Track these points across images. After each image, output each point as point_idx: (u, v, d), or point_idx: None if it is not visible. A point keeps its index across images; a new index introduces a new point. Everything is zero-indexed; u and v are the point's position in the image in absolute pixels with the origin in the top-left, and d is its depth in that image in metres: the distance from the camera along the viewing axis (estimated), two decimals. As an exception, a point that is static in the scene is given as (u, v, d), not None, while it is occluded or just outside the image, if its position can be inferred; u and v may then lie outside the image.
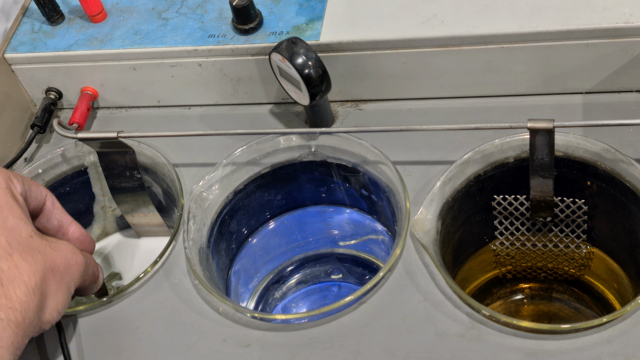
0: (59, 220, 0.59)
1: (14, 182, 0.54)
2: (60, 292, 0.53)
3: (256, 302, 0.77)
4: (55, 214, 0.58)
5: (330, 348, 0.56)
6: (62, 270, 0.53)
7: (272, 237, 0.77)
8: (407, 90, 0.71)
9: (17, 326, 0.48)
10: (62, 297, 0.53)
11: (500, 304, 0.75)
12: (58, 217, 0.59)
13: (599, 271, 0.72)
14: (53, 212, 0.58)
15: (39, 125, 0.74)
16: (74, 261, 0.54)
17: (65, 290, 0.53)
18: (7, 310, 0.48)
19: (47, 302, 0.51)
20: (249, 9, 0.69)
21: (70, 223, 0.59)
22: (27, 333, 0.49)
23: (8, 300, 0.48)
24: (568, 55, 0.66)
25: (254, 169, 0.69)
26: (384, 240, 0.75)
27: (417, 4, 0.69)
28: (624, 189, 0.62)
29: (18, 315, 0.48)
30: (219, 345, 0.58)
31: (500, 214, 0.69)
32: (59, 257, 0.53)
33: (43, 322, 0.51)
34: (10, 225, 0.51)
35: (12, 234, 0.51)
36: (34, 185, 0.57)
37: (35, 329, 0.50)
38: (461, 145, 0.66)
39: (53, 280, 0.52)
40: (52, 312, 0.52)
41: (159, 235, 0.77)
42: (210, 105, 0.76)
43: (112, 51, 0.73)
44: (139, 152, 0.70)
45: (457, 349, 0.55)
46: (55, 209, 0.58)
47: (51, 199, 0.58)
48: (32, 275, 0.50)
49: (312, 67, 0.63)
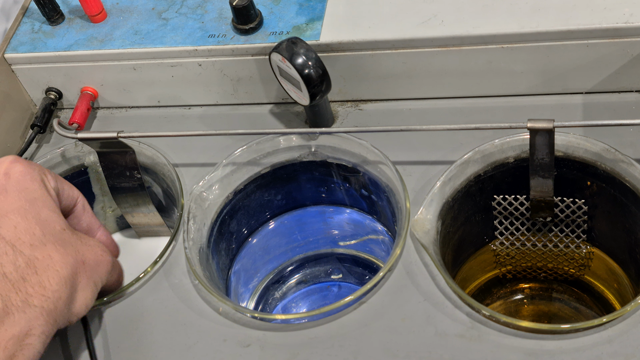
0: (88, 223, 0.60)
1: (48, 178, 0.55)
2: (89, 286, 0.53)
3: (256, 302, 0.77)
4: (85, 217, 0.59)
5: (330, 348, 0.56)
6: (92, 265, 0.54)
7: (272, 237, 0.77)
8: (407, 90, 0.71)
9: (49, 315, 0.49)
10: (90, 291, 0.53)
11: (500, 304, 0.75)
12: (87, 220, 0.59)
13: (599, 271, 0.72)
14: (83, 215, 0.59)
15: (39, 125, 0.74)
16: (103, 258, 0.55)
17: (93, 286, 0.54)
18: (41, 299, 0.49)
19: (77, 294, 0.52)
20: (249, 9, 0.69)
21: (99, 227, 0.60)
22: (58, 323, 0.50)
23: (42, 288, 0.49)
24: (568, 55, 0.66)
25: (254, 169, 0.69)
26: (384, 240, 0.75)
27: (417, 4, 0.69)
28: (624, 189, 0.62)
29: (50, 304, 0.49)
30: (219, 345, 0.58)
31: (500, 214, 0.69)
32: (89, 253, 0.54)
33: (72, 314, 0.52)
34: (44, 217, 0.52)
35: (46, 225, 0.52)
36: (67, 185, 0.58)
37: (64, 320, 0.51)
38: (461, 145, 0.66)
39: (83, 273, 0.53)
40: (80, 305, 0.53)
41: (159, 235, 0.77)
42: (210, 105, 0.76)
43: (112, 51, 0.73)
44: (139, 152, 0.70)
45: (457, 349, 0.55)
46: (86, 211, 0.59)
47: (82, 202, 0.59)
48: (64, 266, 0.51)
49: (312, 67, 0.63)
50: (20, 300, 0.48)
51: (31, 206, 0.52)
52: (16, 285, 0.48)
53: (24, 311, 0.48)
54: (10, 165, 0.54)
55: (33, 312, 0.48)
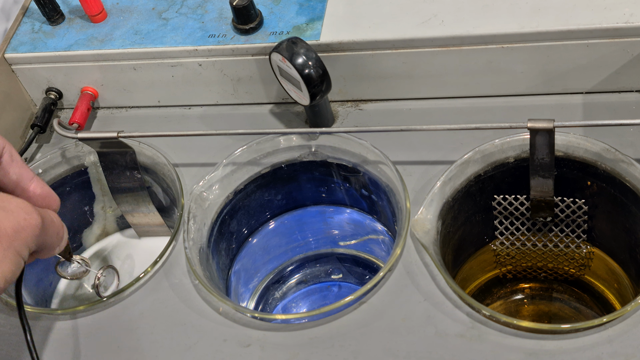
0: (18, 175, 0.52)
1: None
2: (7, 258, 0.47)
3: (256, 302, 0.77)
4: (14, 168, 0.52)
5: (330, 348, 0.56)
6: (11, 233, 0.47)
7: (272, 237, 0.77)
8: (407, 90, 0.71)
9: None
10: (9, 262, 0.47)
11: (500, 304, 0.75)
12: (16, 172, 0.52)
13: (599, 271, 0.72)
14: (11, 166, 0.52)
15: (39, 125, 0.74)
16: (26, 222, 0.48)
17: (13, 256, 0.47)
18: None
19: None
20: (249, 9, 0.69)
21: (32, 178, 0.53)
22: None
23: None
24: (568, 55, 0.66)
25: (254, 169, 0.69)
26: (384, 240, 0.75)
27: (417, 4, 0.69)
28: (624, 189, 0.62)
29: None
30: (219, 345, 0.58)
31: (501, 214, 0.69)
32: (7, 220, 0.47)
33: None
34: None
35: None
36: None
37: None
38: (461, 145, 0.66)
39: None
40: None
41: (159, 235, 0.77)
42: (210, 105, 0.76)
43: (112, 51, 0.73)
44: (139, 152, 0.70)
45: (457, 349, 0.55)
46: (14, 162, 0.52)
47: (9, 151, 0.52)
48: None
49: (312, 67, 0.63)
50: None
51: None
52: None
53: None
54: None
55: None
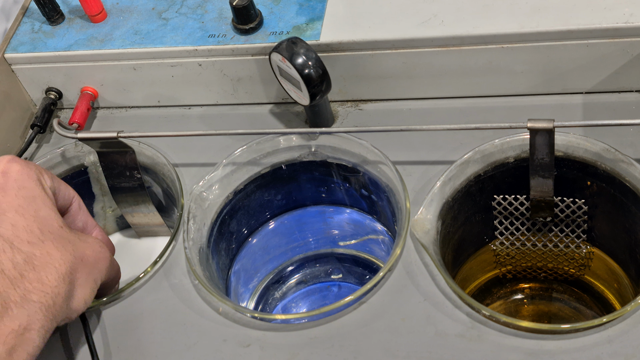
0: (84, 223, 0.60)
1: (45, 177, 0.56)
2: (88, 283, 0.54)
3: (256, 302, 0.77)
4: (81, 216, 0.60)
5: (330, 348, 0.56)
6: (91, 262, 0.55)
7: (272, 237, 0.77)
8: (407, 90, 0.71)
9: (48, 310, 0.50)
10: (89, 288, 0.54)
11: (500, 304, 0.75)
12: (83, 219, 0.60)
13: (599, 271, 0.72)
14: (79, 214, 0.60)
15: (39, 125, 0.74)
16: (102, 255, 0.56)
17: (92, 283, 0.55)
18: (40, 294, 0.49)
19: (76, 291, 0.53)
20: (249, 9, 0.69)
21: (95, 227, 0.61)
22: (56, 318, 0.51)
23: (41, 284, 0.50)
24: (568, 55, 0.66)
25: (254, 169, 0.69)
26: (384, 240, 0.75)
27: (417, 4, 0.69)
28: (624, 189, 0.62)
29: (49, 300, 0.50)
30: (219, 345, 0.58)
31: (500, 214, 0.69)
32: (88, 250, 0.55)
33: (71, 310, 0.53)
34: (43, 215, 0.53)
35: (45, 223, 0.52)
36: (63, 185, 0.58)
37: (63, 316, 0.52)
38: (461, 145, 0.66)
39: (82, 270, 0.53)
40: (79, 301, 0.53)
41: (159, 235, 0.77)
42: (210, 105, 0.76)
43: (112, 51, 0.73)
44: (139, 152, 0.70)
45: (457, 349, 0.55)
46: (82, 211, 0.60)
47: (78, 201, 0.60)
48: (62, 263, 0.51)
49: (312, 67, 0.63)
50: (19, 296, 0.49)
51: (29, 204, 0.53)
52: (14, 282, 0.49)
53: (22, 306, 0.48)
54: (8, 165, 0.55)
55: (32, 307, 0.49)
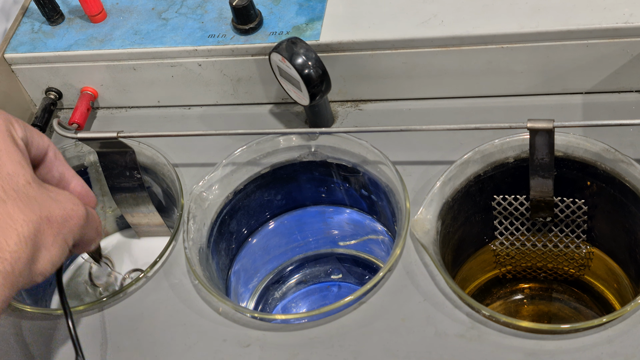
0: (61, 173, 0.55)
1: (15, 127, 0.51)
2: (57, 243, 0.50)
3: (256, 302, 0.77)
4: (57, 166, 0.55)
5: (330, 348, 0.56)
6: (60, 221, 0.50)
7: (272, 237, 0.77)
8: (407, 90, 0.71)
9: (6, 278, 0.46)
10: (57, 249, 0.50)
11: (500, 304, 0.75)
12: (60, 169, 0.55)
13: (599, 271, 0.72)
14: (55, 163, 0.55)
15: (39, 125, 0.74)
16: (74, 213, 0.51)
17: (61, 243, 0.50)
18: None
19: (41, 253, 0.49)
20: (249, 9, 0.69)
21: (73, 177, 0.56)
22: (15, 285, 0.47)
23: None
24: (568, 55, 0.66)
25: (253, 169, 0.69)
26: (384, 240, 0.75)
27: (417, 4, 0.69)
28: (624, 189, 0.62)
29: (7, 266, 0.46)
30: (219, 345, 0.58)
31: (500, 214, 0.69)
32: (57, 208, 0.50)
33: (34, 274, 0.49)
34: (7, 171, 0.48)
35: (9, 180, 0.48)
36: (36, 134, 0.54)
37: (25, 280, 0.48)
38: (461, 145, 0.66)
39: (49, 231, 0.49)
40: (45, 264, 0.49)
41: (159, 235, 0.77)
42: (210, 105, 0.76)
43: (112, 51, 0.73)
44: (139, 152, 0.70)
45: (457, 349, 0.55)
46: (58, 160, 0.55)
47: (54, 150, 0.55)
48: (25, 225, 0.47)
49: (312, 67, 0.63)
50: None
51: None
52: None
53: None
54: None
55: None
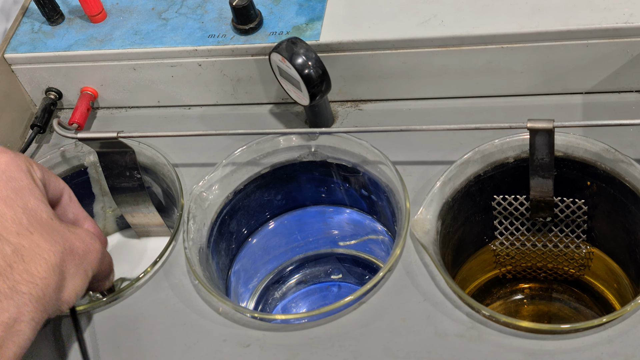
0: (75, 214, 0.59)
1: (34, 168, 0.55)
2: (79, 274, 0.53)
3: (256, 302, 0.77)
4: (72, 208, 0.59)
5: (330, 348, 0.56)
6: (81, 253, 0.54)
7: (272, 237, 0.77)
8: (407, 90, 0.71)
9: (38, 301, 0.49)
10: (80, 279, 0.53)
11: (500, 304, 0.75)
12: (74, 211, 0.59)
13: (599, 271, 0.72)
14: (70, 206, 0.59)
15: (39, 125, 0.74)
16: (92, 247, 0.55)
17: (83, 274, 0.54)
18: (29, 285, 0.49)
19: (66, 282, 0.52)
20: (249, 9, 0.69)
21: (86, 219, 0.60)
22: (47, 310, 0.50)
23: (29, 275, 0.49)
24: (568, 55, 0.66)
25: (254, 169, 0.69)
26: (384, 240, 0.75)
27: (417, 4, 0.69)
28: (624, 189, 0.62)
29: (39, 291, 0.49)
30: (219, 345, 0.58)
31: (500, 214, 0.69)
32: (77, 241, 0.54)
33: (62, 302, 0.52)
34: (31, 206, 0.52)
35: (33, 214, 0.52)
36: (53, 177, 0.58)
37: (53, 307, 0.51)
38: (461, 145, 0.66)
39: (72, 262, 0.53)
40: (70, 293, 0.52)
41: (159, 235, 0.77)
42: (210, 105, 0.76)
43: (112, 51, 0.73)
44: (139, 152, 0.70)
45: (457, 349, 0.55)
46: (72, 202, 0.59)
47: (68, 193, 0.59)
48: (52, 254, 0.51)
49: (312, 67, 0.63)
50: (7, 288, 0.48)
51: (17, 196, 0.52)
52: (3, 274, 0.48)
53: (11, 298, 0.48)
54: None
55: (21, 299, 0.48)
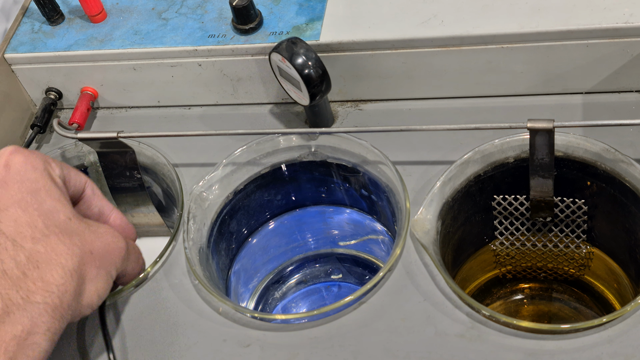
0: (100, 208, 0.57)
1: (52, 166, 0.53)
2: (100, 276, 0.51)
3: (256, 302, 0.77)
4: (96, 201, 0.57)
5: (330, 348, 0.56)
6: (102, 254, 0.52)
7: (272, 237, 0.77)
8: (407, 90, 0.71)
9: (55, 310, 0.47)
10: (102, 281, 0.51)
11: (500, 304, 0.75)
12: (98, 205, 0.57)
13: (599, 271, 0.72)
14: (93, 199, 0.57)
15: (39, 125, 0.74)
16: (114, 245, 0.53)
17: (105, 275, 0.52)
18: (44, 294, 0.47)
19: (86, 286, 0.50)
20: (249, 9, 0.69)
21: (112, 211, 0.58)
22: (65, 317, 0.48)
23: (44, 283, 0.47)
24: (568, 55, 0.66)
25: (254, 169, 0.69)
26: (384, 240, 0.75)
27: (417, 4, 0.69)
28: (624, 189, 0.62)
29: (55, 299, 0.47)
30: (219, 345, 0.58)
31: (500, 214, 0.69)
32: (98, 241, 0.52)
33: (83, 307, 0.50)
34: (47, 208, 0.50)
35: (49, 216, 0.50)
36: (73, 171, 0.56)
37: (74, 313, 0.49)
38: (461, 145, 0.66)
39: (92, 263, 0.51)
40: (92, 296, 0.50)
41: (159, 235, 0.77)
42: (210, 105, 0.76)
43: (112, 51, 0.73)
44: (139, 152, 0.70)
45: (457, 349, 0.55)
46: (96, 196, 0.57)
47: (91, 186, 0.57)
48: (69, 258, 0.49)
49: (312, 67, 0.63)
50: (21, 298, 0.46)
51: (33, 197, 0.50)
52: (17, 283, 0.46)
53: (25, 309, 0.46)
54: (11, 157, 0.52)
55: (35, 309, 0.46)
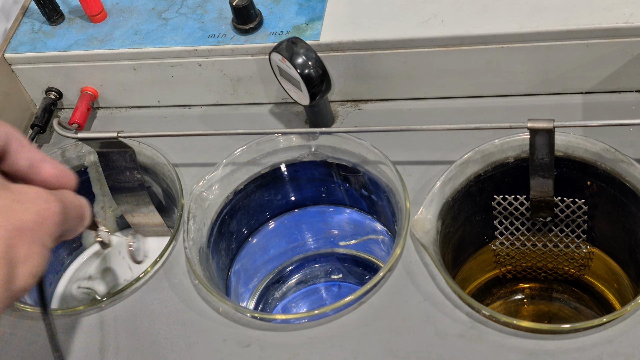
0: (30, 159, 0.48)
1: None
2: (33, 253, 0.45)
3: (256, 302, 0.77)
4: (24, 153, 0.48)
5: (330, 348, 0.56)
6: (33, 226, 0.45)
7: (272, 237, 0.77)
8: (407, 90, 0.71)
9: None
10: (36, 258, 0.45)
11: (500, 304, 0.75)
12: (27, 156, 0.48)
13: (599, 271, 0.72)
14: (21, 152, 0.48)
15: (39, 125, 0.74)
16: (48, 212, 0.46)
17: (39, 249, 0.45)
18: None
19: (18, 269, 0.44)
20: (249, 9, 0.69)
21: (43, 159, 0.49)
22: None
23: None
24: (568, 55, 0.66)
25: (254, 169, 0.69)
26: (384, 240, 0.75)
27: (417, 4, 0.69)
28: (624, 189, 0.62)
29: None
30: (219, 345, 0.58)
31: (500, 214, 0.69)
32: (26, 213, 0.45)
33: (15, 292, 0.44)
34: None
35: None
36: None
37: (5, 302, 0.43)
38: (461, 145, 0.66)
39: (22, 242, 0.44)
40: (25, 279, 0.44)
41: (159, 235, 0.77)
42: (210, 105, 0.76)
43: (112, 51, 0.73)
44: (139, 152, 0.70)
45: (457, 349, 0.55)
46: (24, 147, 0.48)
47: (18, 137, 0.48)
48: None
49: (312, 67, 0.63)
50: None
51: None
52: None
53: None
54: None
55: None
